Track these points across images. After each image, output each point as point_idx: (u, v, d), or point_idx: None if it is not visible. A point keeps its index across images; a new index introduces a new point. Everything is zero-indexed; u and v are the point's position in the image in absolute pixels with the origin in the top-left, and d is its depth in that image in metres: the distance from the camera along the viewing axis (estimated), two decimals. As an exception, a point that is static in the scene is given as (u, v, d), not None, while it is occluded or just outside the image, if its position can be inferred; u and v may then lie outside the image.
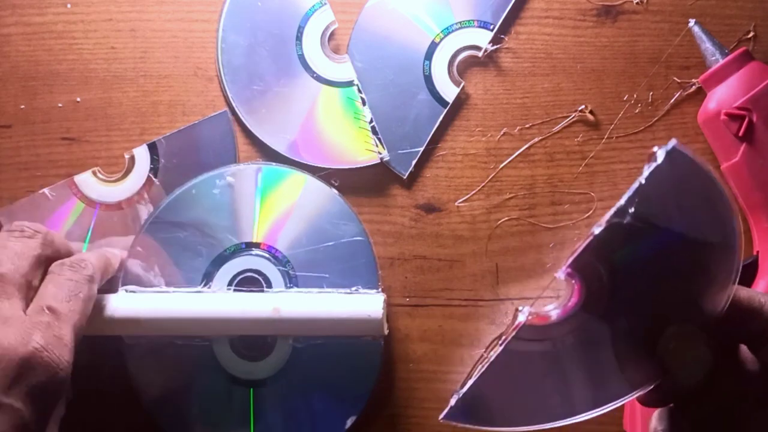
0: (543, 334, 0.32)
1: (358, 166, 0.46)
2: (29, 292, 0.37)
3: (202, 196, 0.44)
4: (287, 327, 0.42)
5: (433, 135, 0.46)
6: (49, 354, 0.33)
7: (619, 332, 0.31)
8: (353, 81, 0.46)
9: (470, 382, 0.33)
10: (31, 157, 0.47)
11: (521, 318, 0.32)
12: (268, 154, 0.46)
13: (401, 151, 0.46)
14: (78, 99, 0.47)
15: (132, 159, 0.46)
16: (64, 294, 0.36)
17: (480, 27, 0.46)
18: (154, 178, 0.46)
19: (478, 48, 0.46)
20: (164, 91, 0.47)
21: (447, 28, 0.46)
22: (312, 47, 0.46)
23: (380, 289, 0.43)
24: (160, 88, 0.47)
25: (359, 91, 0.46)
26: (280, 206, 0.45)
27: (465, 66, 0.47)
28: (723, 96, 0.43)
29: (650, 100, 0.46)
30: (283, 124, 0.46)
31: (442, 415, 0.33)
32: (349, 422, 0.43)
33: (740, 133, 0.42)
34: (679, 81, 0.46)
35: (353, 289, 0.43)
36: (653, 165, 0.29)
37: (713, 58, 0.43)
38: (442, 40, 0.46)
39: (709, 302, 0.31)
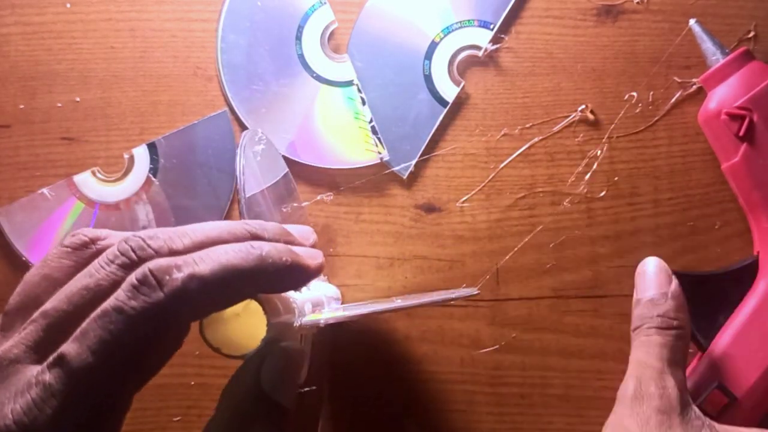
0: None
1: (358, 166, 0.46)
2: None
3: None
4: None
5: (433, 135, 0.46)
6: None
7: None
8: (353, 81, 0.46)
9: None
10: (30, 157, 0.47)
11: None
12: (268, 153, 0.46)
13: (401, 151, 0.46)
14: (77, 99, 0.47)
15: (131, 159, 0.46)
16: (92, 337, 0.22)
17: (480, 26, 0.46)
18: (153, 178, 0.46)
19: (478, 47, 0.46)
20: (163, 90, 0.47)
21: (447, 28, 0.46)
22: (312, 47, 0.46)
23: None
24: (159, 88, 0.47)
25: (359, 91, 0.46)
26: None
27: (465, 66, 0.47)
28: (723, 96, 0.42)
29: (651, 99, 0.46)
30: (283, 124, 0.46)
31: None
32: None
33: (741, 133, 0.41)
34: (679, 81, 0.46)
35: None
36: None
37: (714, 57, 0.43)
38: (442, 39, 0.46)
39: None
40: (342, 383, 0.46)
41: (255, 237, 0.27)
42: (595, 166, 0.46)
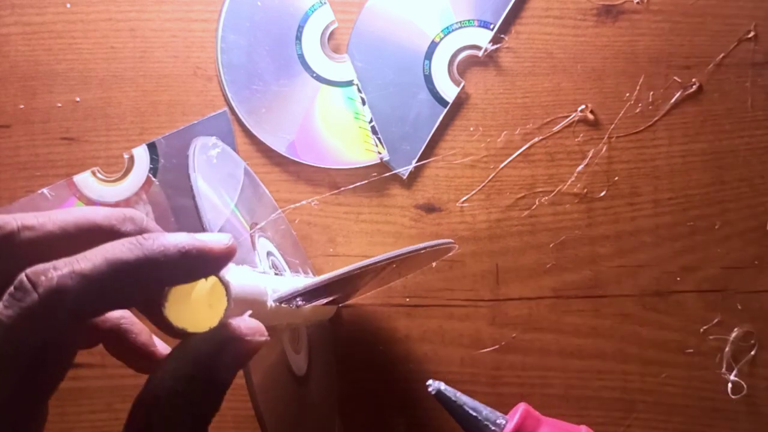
0: None
1: (358, 166, 0.46)
2: None
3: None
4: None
5: (433, 135, 0.46)
6: None
7: None
8: (353, 81, 0.46)
9: None
10: (30, 157, 0.47)
11: None
12: (268, 154, 0.46)
13: (401, 151, 0.46)
14: (77, 99, 0.47)
15: (131, 159, 0.46)
16: None
17: (480, 26, 0.46)
18: (153, 178, 0.46)
19: (478, 47, 0.46)
20: (164, 90, 0.47)
21: (447, 28, 0.46)
22: (312, 47, 0.46)
23: None
24: (159, 88, 0.47)
25: (359, 91, 0.46)
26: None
27: (465, 66, 0.47)
28: None
29: (650, 99, 0.46)
30: (283, 124, 0.46)
31: None
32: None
33: None
34: (679, 81, 0.46)
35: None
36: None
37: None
38: (442, 39, 0.46)
39: None
40: (341, 383, 0.46)
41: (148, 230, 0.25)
42: (595, 167, 0.46)
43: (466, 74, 0.47)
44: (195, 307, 0.26)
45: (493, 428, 0.33)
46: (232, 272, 0.27)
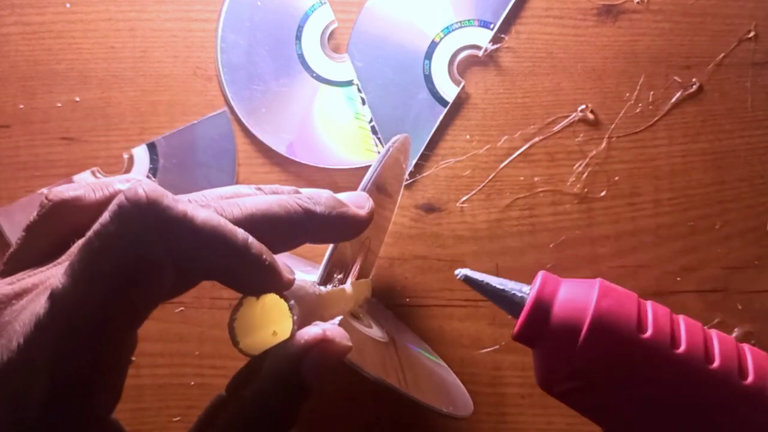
0: None
1: (358, 166, 0.46)
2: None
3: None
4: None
5: (433, 135, 0.46)
6: None
7: None
8: (353, 80, 0.46)
9: None
10: (29, 157, 0.47)
11: None
12: (268, 154, 0.46)
13: (401, 150, 0.46)
14: (77, 99, 0.47)
15: (131, 159, 0.46)
16: (75, 264, 0.21)
17: (480, 26, 0.46)
18: (153, 179, 0.46)
19: (478, 47, 0.46)
20: (163, 90, 0.47)
21: (447, 28, 0.46)
22: (311, 47, 0.46)
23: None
24: (159, 88, 0.47)
25: (359, 91, 0.46)
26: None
27: (465, 65, 0.47)
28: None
29: (650, 99, 0.46)
30: (283, 124, 0.46)
31: None
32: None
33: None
34: (679, 80, 0.46)
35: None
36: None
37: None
38: (442, 39, 0.46)
39: None
40: (340, 382, 0.46)
41: (306, 212, 0.26)
42: (595, 167, 0.46)
43: (466, 74, 0.47)
44: (258, 330, 0.25)
45: (520, 296, 0.36)
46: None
